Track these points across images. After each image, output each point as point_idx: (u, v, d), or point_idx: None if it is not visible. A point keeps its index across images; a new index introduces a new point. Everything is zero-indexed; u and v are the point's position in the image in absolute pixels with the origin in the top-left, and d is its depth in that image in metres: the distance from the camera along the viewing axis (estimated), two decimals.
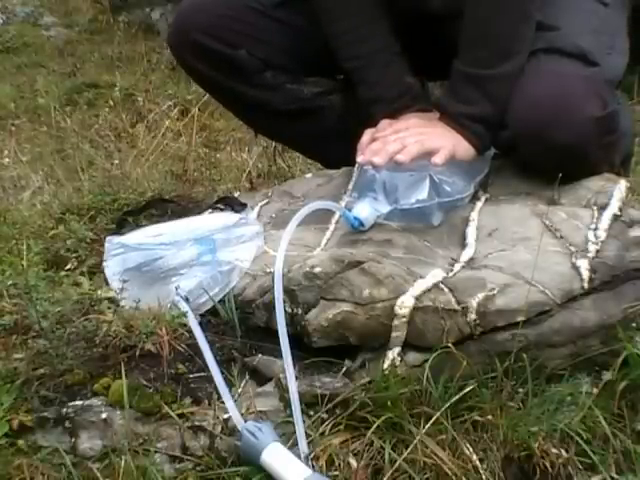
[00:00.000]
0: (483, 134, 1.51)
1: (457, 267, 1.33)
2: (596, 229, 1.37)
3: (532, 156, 1.49)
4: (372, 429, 1.15)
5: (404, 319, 1.23)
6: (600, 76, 1.49)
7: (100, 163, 2.61)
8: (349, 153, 1.54)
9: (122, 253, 1.45)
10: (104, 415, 1.16)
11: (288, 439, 1.15)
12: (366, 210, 1.42)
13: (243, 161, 2.71)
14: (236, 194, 1.83)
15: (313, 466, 1.12)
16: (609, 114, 1.48)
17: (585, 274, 1.28)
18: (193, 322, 1.29)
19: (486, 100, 1.49)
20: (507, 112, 1.48)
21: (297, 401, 1.16)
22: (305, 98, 1.78)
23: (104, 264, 1.47)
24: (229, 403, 1.17)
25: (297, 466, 1.09)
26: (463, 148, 1.49)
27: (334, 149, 1.78)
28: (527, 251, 1.33)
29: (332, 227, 1.49)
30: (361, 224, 1.42)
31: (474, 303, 1.23)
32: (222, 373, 1.21)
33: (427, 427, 1.15)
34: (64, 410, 1.17)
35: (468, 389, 1.19)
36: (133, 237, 1.50)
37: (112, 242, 1.49)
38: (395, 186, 1.44)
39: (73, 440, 1.16)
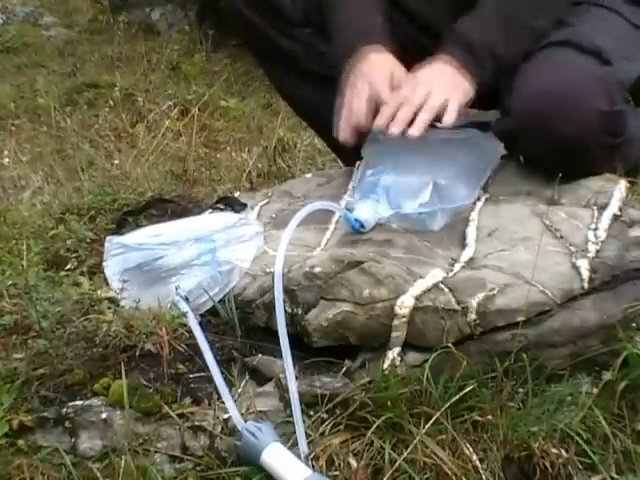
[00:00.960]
0: (483, 59, 1.49)
1: (457, 267, 1.33)
2: (596, 229, 1.37)
3: (533, 148, 1.49)
4: (372, 429, 1.15)
5: (404, 319, 1.23)
6: (612, 75, 1.48)
7: (100, 163, 2.61)
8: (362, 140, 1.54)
9: (122, 253, 1.45)
10: (104, 415, 1.16)
11: (288, 439, 1.15)
12: (367, 212, 1.42)
13: (243, 161, 2.71)
14: (236, 194, 1.83)
15: (313, 466, 1.12)
16: (615, 112, 1.47)
17: (585, 274, 1.28)
18: (193, 322, 1.29)
19: (501, 35, 1.49)
20: (511, 98, 1.47)
21: (297, 401, 1.16)
22: (337, 66, 1.79)
23: (104, 264, 1.47)
24: (229, 403, 1.17)
25: (297, 466, 1.09)
26: (463, 90, 1.48)
27: None
28: (527, 251, 1.33)
29: (332, 227, 1.49)
30: (362, 226, 1.41)
31: (474, 303, 1.23)
32: (222, 373, 1.21)
33: (427, 427, 1.15)
34: (64, 410, 1.17)
35: (468, 389, 1.19)
36: (133, 237, 1.50)
37: (112, 242, 1.48)
38: (398, 191, 1.43)
39: (73, 440, 1.16)
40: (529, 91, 1.45)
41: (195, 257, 1.42)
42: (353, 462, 1.14)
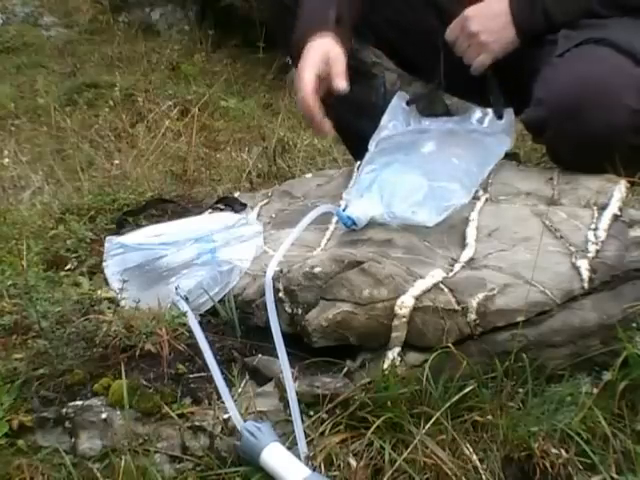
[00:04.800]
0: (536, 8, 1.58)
1: (457, 267, 1.33)
2: (596, 229, 1.37)
3: (560, 139, 1.49)
4: (372, 429, 1.15)
5: (404, 319, 1.23)
6: None
7: (100, 163, 2.61)
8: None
9: (122, 253, 1.46)
10: (104, 415, 1.16)
11: (288, 439, 1.15)
12: (360, 210, 1.42)
13: (243, 161, 2.71)
14: (236, 194, 1.83)
15: (313, 466, 1.12)
16: None
17: (585, 274, 1.28)
18: (193, 322, 1.29)
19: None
20: (543, 88, 1.49)
21: (295, 402, 1.16)
22: (362, 59, 1.81)
23: (104, 264, 1.47)
24: (229, 403, 1.17)
25: (297, 466, 1.10)
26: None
27: (365, 126, 1.77)
28: (527, 251, 1.33)
29: (332, 227, 1.49)
30: (354, 223, 1.41)
31: (474, 303, 1.23)
32: (222, 373, 1.21)
33: (427, 427, 1.15)
34: (64, 410, 1.17)
35: (468, 389, 1.19)
36: (133, 237, 1.50)
37: (112, 242, 1.49)
38: (392, 191, 1.43)
39: (73, 440, 1.16)
40: (562, 81, 1.47)
41: (195, 257, 1.42)
42: (353, 462, 1.14)
